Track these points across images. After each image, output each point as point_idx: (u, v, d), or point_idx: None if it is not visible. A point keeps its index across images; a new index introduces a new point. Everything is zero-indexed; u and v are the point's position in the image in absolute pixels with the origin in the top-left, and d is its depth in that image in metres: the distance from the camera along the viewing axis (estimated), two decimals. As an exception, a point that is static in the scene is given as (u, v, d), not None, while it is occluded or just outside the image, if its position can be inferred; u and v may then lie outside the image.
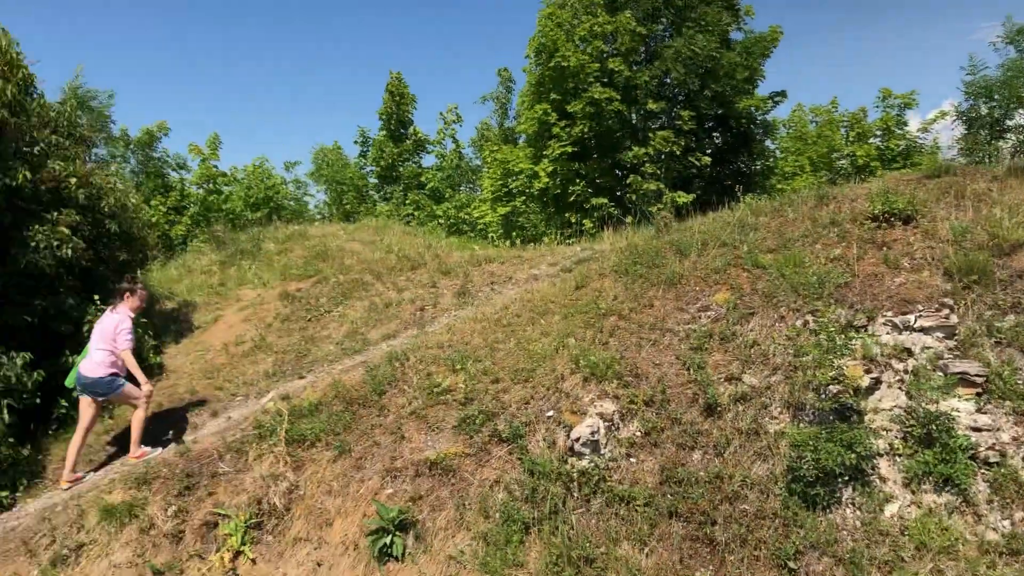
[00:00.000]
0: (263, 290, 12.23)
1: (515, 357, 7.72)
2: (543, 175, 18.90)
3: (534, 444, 6.65)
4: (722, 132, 20.15)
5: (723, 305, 7.48)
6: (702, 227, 9.32)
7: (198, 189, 27.23)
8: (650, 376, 6.94)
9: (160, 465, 7.35)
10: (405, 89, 31.23)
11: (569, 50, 17.99)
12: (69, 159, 9.92)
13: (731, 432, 6.36)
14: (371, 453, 7.00)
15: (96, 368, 7.92)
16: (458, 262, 12.08)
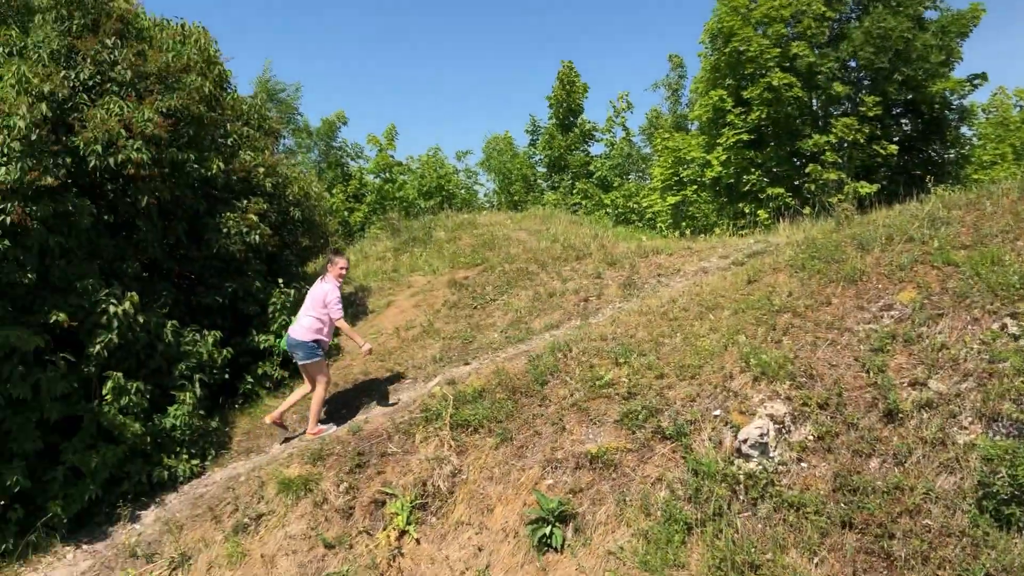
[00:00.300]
0: (433, 277, 12.59)
1: (681, 353, 7.54)
2: (716, 163, 18.42)
3: (699, 443, 6.47)
4: (912, 118, 18.89)
5: (908, 305, 6.98)
6: (887, 220, 8.75)
7: (375, 178, 28.36)
8: (825, 378, 6.59)
9: (334, 442, 7.72)
10: (576, 78, 31.26)
11: (748, 35, 17.38)
12: (258, 150, 10.56)
13: (914, 441, 5.93)
14: (532, 442, 7.05)
15: (302, 332, 8.44)
16: (624, 253, 11.95)
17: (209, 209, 9.63)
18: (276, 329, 9.86)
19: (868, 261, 7.84)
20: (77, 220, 7.94)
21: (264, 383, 9.84)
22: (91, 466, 7.67)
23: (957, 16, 17.70)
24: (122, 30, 9.09)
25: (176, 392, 8.54)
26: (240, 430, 9.08)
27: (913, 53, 16.92)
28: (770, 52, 17.09)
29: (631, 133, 32.45)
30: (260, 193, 10.28)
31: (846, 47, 17.21)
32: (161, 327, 8.58)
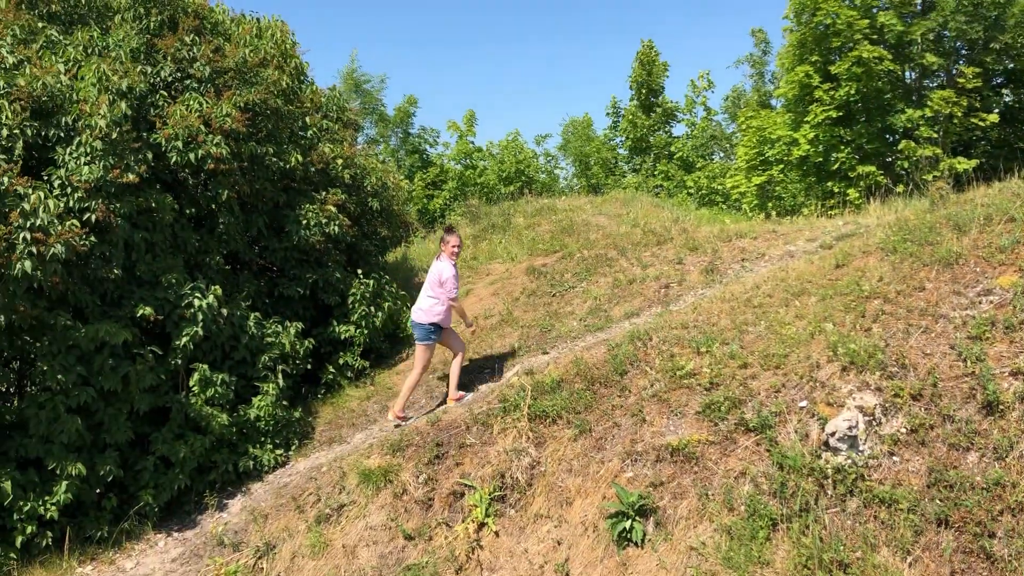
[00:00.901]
0: (511, 264, 12.53)
1: (765, 341, 7.29)
2: (803, 142, 17.85)
3: (784, 436, 6.24)
4: (1013, 89, 17.92)
5: (1009, 289, 6.58)
6: (985, 199, 8.27)
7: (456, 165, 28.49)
8: (919, 367, 6.27)
9: (413, 433, 7.75)
10: (656, 57, 30.80)
11: (834, 7, 16.74)
12: (337, 142, 10.67)
13: (1015, 434, 5.58)
14: (611, 434, 6.93)
15: (421, 315, 8.58)
16: (706, 237, 11.66)
17: (288, 201, 9.77)
18: (356, 320, 9.95)
19: (965, 243, 7.42)
20: (160, 215, 8.15)
21: (346, 373, 9.95)
22: (180, 456, 7.89)
23: (1062, -20, 16.69)
24: (199, 26, 9.28)
25: (260, 383, 8.72)
26: (323, 420, 9.21)
27: (1010, 20, 16.02)
28: (858, 24, 16.42)
29: (713, 112, 31.79)
30: (338, 184, 10.39)
31: (936, 16, 16.41)
32: (244, 319, 8.76)
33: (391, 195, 11.35)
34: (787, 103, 20.04)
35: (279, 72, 9.55)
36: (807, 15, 17.89)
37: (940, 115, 16.05)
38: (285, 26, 10.38)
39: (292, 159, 9.47)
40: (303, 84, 10.76)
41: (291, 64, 10.09)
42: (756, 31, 34.66)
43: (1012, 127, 17.78)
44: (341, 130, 11.24)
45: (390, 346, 10.81)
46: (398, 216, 11.75)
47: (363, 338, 9.97)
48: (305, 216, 9.49)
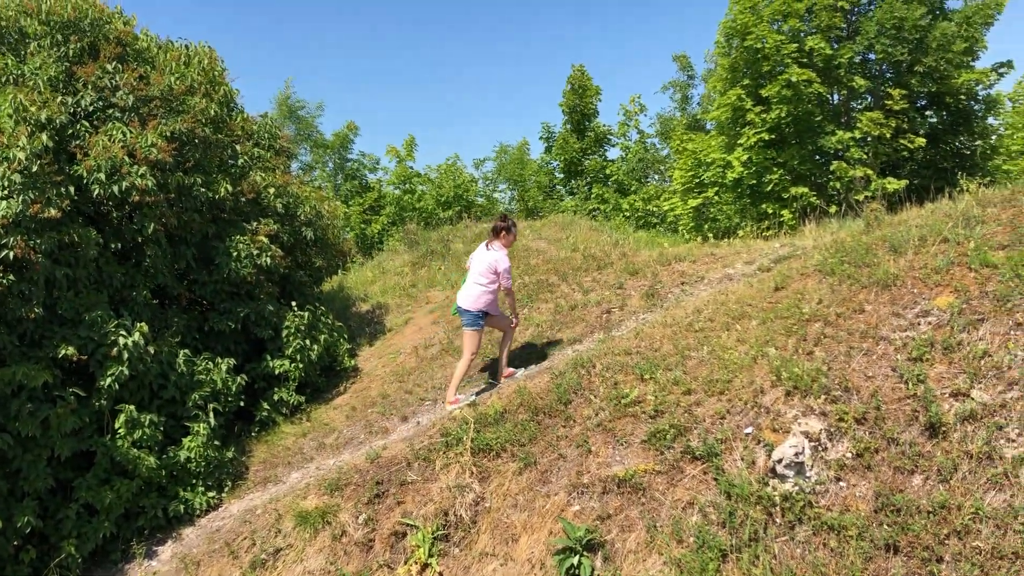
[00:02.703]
0: (451, 291, 12.37)
1: (709, 366, 7.24)
2: (737, 164, 18.06)
3: (731, 464, 6.16)
4: (937, 110, 18.45)
5: (946, 310, 6.64)
6: (919, 220, 8.39)
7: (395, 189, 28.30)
8: (862, 390, 6.26)
9: (351, 471, 7.48)
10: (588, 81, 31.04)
11: (763, 31, 17.05)
12: (269, 170, 10.40)
13: (958, 456, 5.59)
14: (557, 466, 6.78)
15: (470, 301, 8.61)
16: (646, 261, 11.65)
17: (218, 232, 9.47)
18: (291, 353, 9.67)
19: (901, 264, 7.50)
20: (83, 250, 7.80)
21: (281, 409, 9.65)
22: (105, 502, 7.51)
23: (981, 6, 17.26)
24: (122, 54, 8.97)
25: (190, 423, 8.39)
26: (257, 459, 8.88)
27: (933, 43, 16.51)
28: (787, 48, 16.74)
29: (645, 136, 32.16)
30: (271, 214, 10.12)
31: (861, 40, 16.84)
32: (173, 356, 8.43)
33: (326, 223, 11.09)
34: (720, 126, 20.31)
35: (207, 100, 9.28)
36: (737, 39, 18.19)
37: (869, 136, 16.42)
38: (214, 53, 10.12)
39: (222, 189, 9.18)
40: (233, 112, 10.49)
41: (220, 92, 9.83)
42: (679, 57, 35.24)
43: (937, 148, 18.28)
44: (274, 158, 10.97)
45: (326, 380, 10.52)
46: (334, 245, 11.49)
47: (298, 372, 9.69)
48: (236, 248, 9.20)
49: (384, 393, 9.51)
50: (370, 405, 9.35)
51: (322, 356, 10.15)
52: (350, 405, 9.45)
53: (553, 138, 32.32)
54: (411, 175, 28.75)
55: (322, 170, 31.05)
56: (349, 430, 8.87)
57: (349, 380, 10.30)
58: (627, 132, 31.62)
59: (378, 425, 8.81)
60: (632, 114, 31.46)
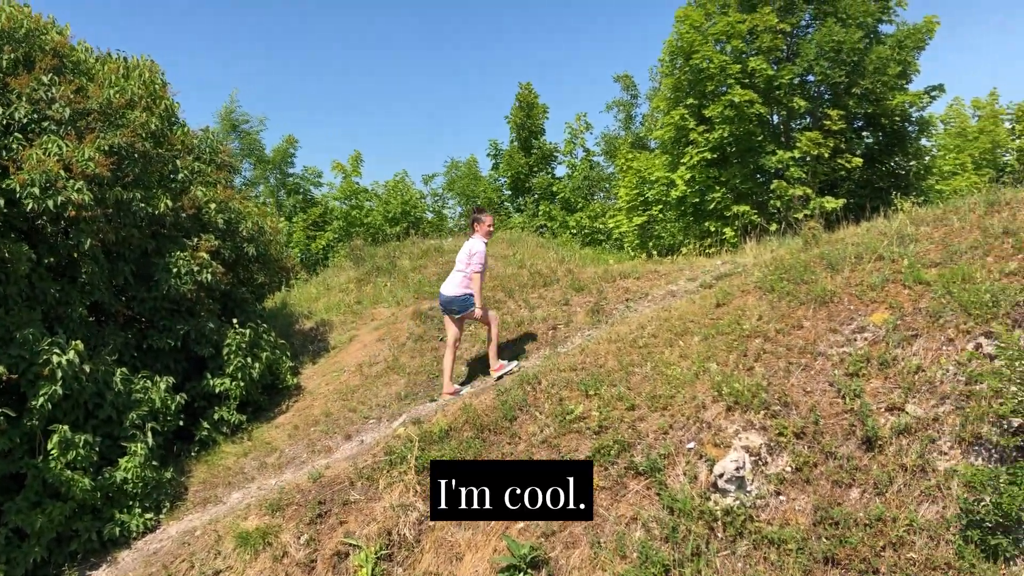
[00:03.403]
0: (397, 308, 12.30)
1: (652, 382, 7.30)
2: (680, 183, 18.30)
3: (673, 479, 6.22)
4: (873, 131, 18.95)
5: (881, 326, 6.80)
6: (855, 238, 8.61)
7: (341, 204, 28.08)
8: (800, 405, 6.38)
9: (293, 491, 7.36)
10: (535, 99, 31.20)
11: (708, 52, 17.34)
12: (211, 185, 10.23)
13: (894, 469, 5.72)
14: (502, 484, 6.75)
15: (454, 288, 8.99)
16: (591, 277, 11.74)
17: (158, 248, 9.29)
18: (232, 372, 9.49)
19: (838, 281, 7.67)
20: (14, 266, 7.58)
21: (221, 428, 9.46)
22: (36, 526, 7.28)
23: (913, 30, 17.79)
24: (59, 65, 8.76)
25: (127, 443, 8.17)
26: (196, 480, 8.69)
27: (869, 66, 16.97)
28: (731, 68, 17.04)
29: (591, 154, 32.44)
30: (212, 229, 9.96)
31: (800, 62, 17.24)
32: (110, 375, 8.21)
33: (269, 239, 10.94)
34: (664, 145, 20.56)
35: (148, 113, 9.12)
36: (681, 59, 18.45)
37: (808, 156, 16.77)
38: (155, 66, 9.95)
39: (161, 204, 9.01)
40: (174, 126, 10.32)
41: (161, 105, 9.67)
42: (622, 77, 35.68)
43: (873, 168, 18.75)
44: (215, 172, 10.80)
45: (269, 398, 10.35)
46: (277, 261, 11.34)
47: (239, 391, 9.52)
48: (175, 264, 9.03)
49: (327, 411, 9.40)
50: (313, 424, 9.22)
51: (264, 374, 9.98)
52: (292, 424, 9.32)
53: (500, 155, 32.41)
54: (358, 190, 28.54)
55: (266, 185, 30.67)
56: (291, 449, 8.74)
57: (292, 398, 10.16)
58: (573, 150, 31.86)
59: (321, 444, 8.70)
60: (578, 132, 31.72)
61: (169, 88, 10.14)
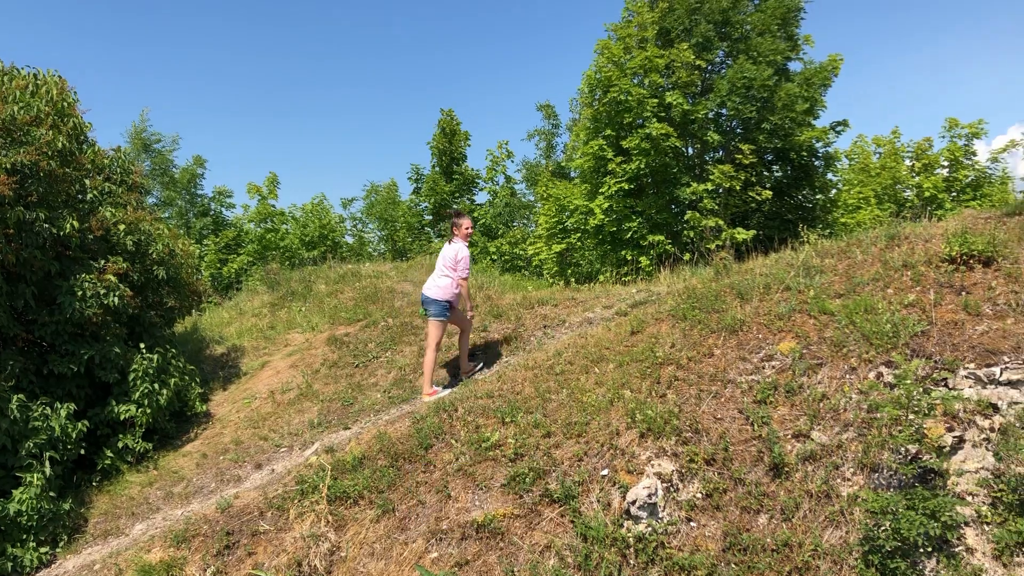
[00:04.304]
0: (311, 334, 12.09)
1: (568, 409, 7.35)
2: (599, 212, 18.57)
3: (587, 506, 6.25)
4: (782, 165, 19.61)
5: (788, 355, 7.01)
6: (763, 269, 8.87)
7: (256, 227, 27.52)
8: (711, 432, 6.51)
9: (200, 522, 7.13)
10: (457, 126, 31.30)
11: (626, 85, 17.71)
12: (120, 206, 9.93)
13: (800, 495, 5.88)
14: (416, 513, 6.68)
15: (439, 292, 9.15)
16: (510, 304, 11.78)
17: (62, 271, 8.93)
18: (138, 398, 9.15)
19: (747, 311, 7.88)
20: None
21: (125, 457, 9.10)
22: (-81, 564, 6.87)
23: (820, 69, 18.53)
24: (-40, 81, 8.41)
25: (23, 473, 7.78)
26: (98, 511, 8.33)
27: (778, 103, 17.57)
28: (648, 102, 17.42)
29: (513, 181, 32.67)
30: (120, 251, 9.63)
31: (714, 97, 17.75)
32: (6, 401, 7.84)
33: (180, 262, 10.64)
34: (583, 174, 20.85)
35: (55, 132, 8.81)
36: (600, 91, 18.78)
37: (721, 188, 17.24)
38: (64, 83, 9.63)
39: (67, 225, 8.69)
40: (83, 145, 9.98)
41: (70, 123, 9.35)
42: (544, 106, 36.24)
43: (782, 200, 19.38)
44: (126, 193, 10.47)
45: (176, 426, 10.01)
46: (188, 284, 11.03)
47: (146, 418, 9.18)
48: (80, 287, 8.70)
49: (237, 439, 9.15)
50: (222, 452, 8.97)
51: (172, 401, 9.66)
52: (201, 452, 9.05)
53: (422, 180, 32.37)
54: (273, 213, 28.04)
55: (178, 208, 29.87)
56: (199, 478, 8.48)
57: (201, 426, 9.87)
58: (495, 177, 32.04)
59: (230, 473, 8.46)
60: (499, 159, 31.93)
61: (79, 106, 9.82)
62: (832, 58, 18.90)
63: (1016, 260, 7.14)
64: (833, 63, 18.81)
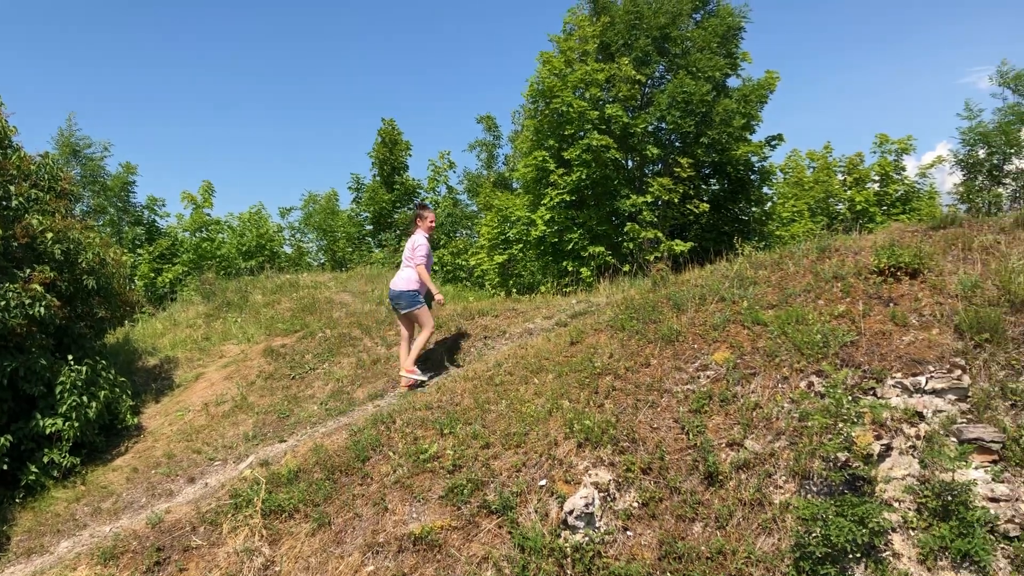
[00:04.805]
0: (247, 345, 11.89)
1: (507, 420, 7.36)
2: (540, 223, 18.64)
3: (525, 516, 6.25)
4: (719, 179, 19.96)
5: (723, 364, 7.13)
6: (699, 280, 9.00)
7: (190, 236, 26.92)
8: (648, 441, 6.57)
9: (130, 538, 6.94)
10: (399, 136, 31.15)
11: (568, 97, 17.84)
12: (48, 213, 9.65)
13: (733, 503, 5.97)
14: (352, 526, 6.60)
15: (403, 283, 9.37)
16: (451, 315, 11.75)
17: (-15, 279, 8.65)
18: (65, 411, 8.85)
19: (684, 321, 7.99)
20: None
21: (51, 472, 8.79)
22: None
23: (757, 85, 18.94)
24: None
25: (-60, 490, 7.50)
26: (21, 528, 8.04)
27: (716, 118, 17.90)
28: (590, 115, 17.56)
29: (455, 191, 32.63)
30: (48, 261, 9.35)
31: (654, 111, 17.99)
32: (-77, 415, 7.54)
33: (111, 271, 10.36)
34: (525, 185, 20.92)
35: (-25, 135, 8.55)
36: (543, 102, 18.88)
37: (660, 200, 17.46)
38: (-12, 86, 9.36)
39: (-10, 233, 8.43)
40: (7, 149, 9.68)
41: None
42: (484, 118, 36.36)
43: (720, 213, 19.71)
44: (54, 200, 10.16)
45: (106, 440, 9.70)
46: (119, 294, 10.74)
47: (73, 432, 8.89)
48: (3, 296, 8.42)
49: (170, 453, 8.94)
50: (154, 466, 8.75)
51: (102, 414, 9.37)
52: (132, 466, 8.82)
53: (363, 189, 32.10)
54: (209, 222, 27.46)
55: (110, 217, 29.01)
56: (129, 493, 8.26)
57: (132, 439, 9.62)
58: (436, 187, 31.96)
59: (162, 487, 8.25)
60: (441, 170, 31.85)
61: (3, 110, 9.54)
62: (769, 75, 19.33)
63: (941, 272, 7.37)
64: (770, 79, 19.24)
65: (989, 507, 5.44)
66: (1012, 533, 5.35)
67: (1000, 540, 5.34)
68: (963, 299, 6.87)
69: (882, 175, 26.78)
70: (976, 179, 19.34)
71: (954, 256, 7.66)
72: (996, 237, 7.81)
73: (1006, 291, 6.76)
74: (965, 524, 5.34)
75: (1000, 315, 6.52)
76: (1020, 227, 7.94)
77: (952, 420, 5.98)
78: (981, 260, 7.42)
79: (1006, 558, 5.28)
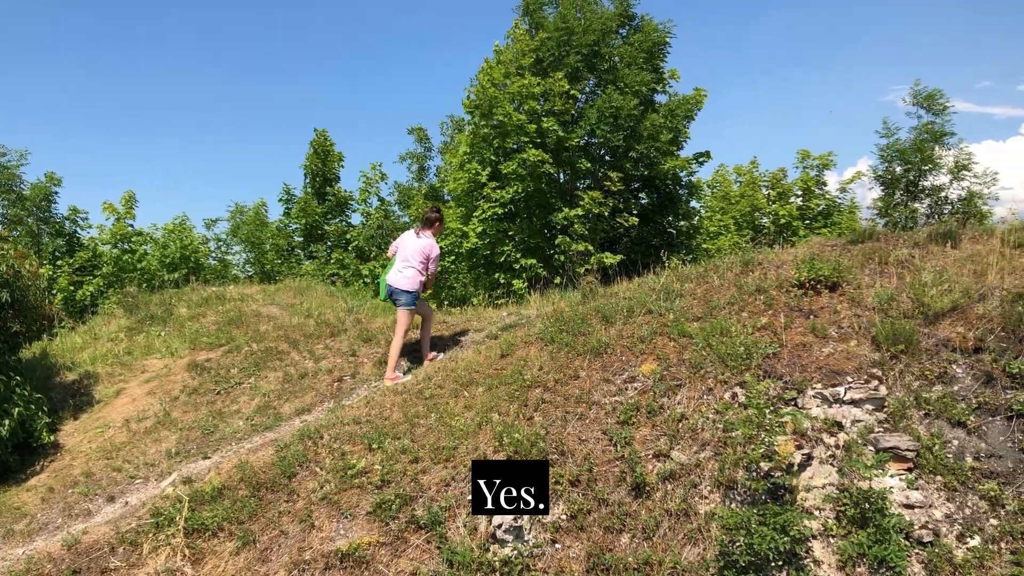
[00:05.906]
0: (171, 360, 11.60)
1: (436, 434, 7.32)
2: (472, 235, 18.68)
3: (454, 531, 6.22)
4: (648, 193, 20.29)
5: (650, 376, 7.22)
6: (627, 293, 9.12)
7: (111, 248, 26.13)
8: (576, 453, 6.60)
9: (44, 561, 6.68)
10: (331, 147, 30.88)
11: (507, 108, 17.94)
12: (-41, 224, 9.29)
13: (660, 514, 6.03)
14: (277, 544, 6.47)
15: (407, 283, 9.71)
16: (380, 328, 11.66)
17: None
18: (-22, 428, 8.52)
19: (612, 333, 8.07)
20: None
21: (-38, 493, 8.46)
22: None
23: (683, 100, 19.35)
24: None
25: None
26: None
27: (644, 132, 18.21)
28: (528, 128, 17.69)
29: (386, 203, 32.43)
30: (-41, 273, 9.02)
31: (585, 125, 18.22)
32: None
33: (27, 284, 10.02)
34: (457, 198, 20.96)
35: None
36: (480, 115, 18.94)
37: (591, 214, 17.67)
38: None
39: None
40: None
41: None
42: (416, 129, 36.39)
43: (648, 226, 20.04)
44: (-34, 211, 9.83)
45: (20, 458, 9.31)
46: (36, 308, 10.40)
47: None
48: (-89, 310, 8.10)
49: (88, 471, 8.65)
50: (71, 485, 8.45)
51: (15, 431, 9.02)
52: (47, 486, 8.51)
53: (293, 200, 31.70)
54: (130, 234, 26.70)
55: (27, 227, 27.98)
56: (44, 514, 7.96)
57: (48, 458, 9.29)
58: (368, 198, 31.73)
59: (80, 507, 7.97)
60: (373, 181, 31.64)
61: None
62: (697, 91, 19.76)
63: (859, 285, 7.60)
64: (698, 96, 19.67)
65: (904, 514, 5.60)
66: (926, 539, 5.52)
67: (915, 545, 5.50)
68: (879, 311, 7.09)
69: (804, 190, 27.56)
70: (894, 194, 20.02)
71: (871, 269, 7.91)
72: (911, 251, 8.09)
73: (920, 303, 6.99)
74: (881, 531, 5.48)
75: (914, 327, 6.74)
76: (933, 242, 8.24)
77: (869, 429, 6.16)
78: (896, 274, 7.68)
79: (920, 563, 5.43)
